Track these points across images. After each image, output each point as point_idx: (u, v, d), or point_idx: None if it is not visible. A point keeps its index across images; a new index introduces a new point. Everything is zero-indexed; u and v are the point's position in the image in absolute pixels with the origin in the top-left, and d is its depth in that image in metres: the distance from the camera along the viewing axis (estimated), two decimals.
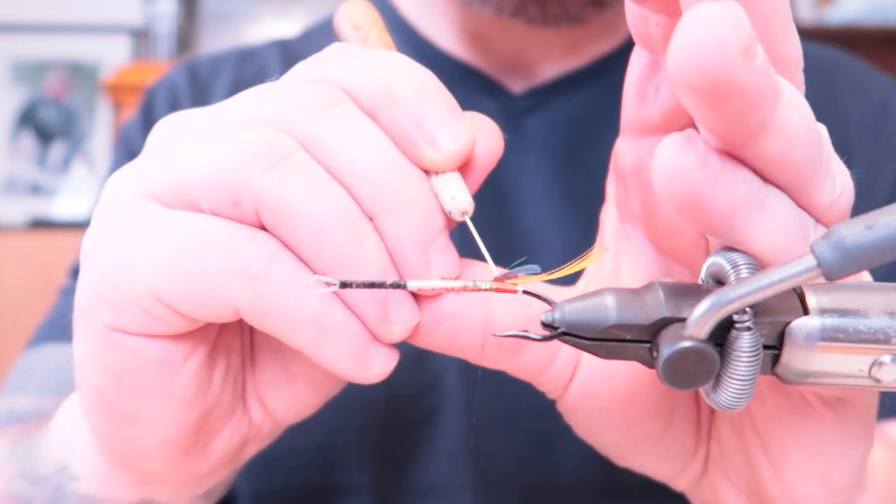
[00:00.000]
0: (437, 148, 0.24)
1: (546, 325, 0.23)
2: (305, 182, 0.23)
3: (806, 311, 0.21)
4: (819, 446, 0.26)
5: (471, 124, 0.25)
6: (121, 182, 0.25)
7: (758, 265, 0.21)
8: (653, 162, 0.20)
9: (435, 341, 0.26)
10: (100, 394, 0.25)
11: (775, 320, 0.21)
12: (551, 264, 0.25)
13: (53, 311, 0.52)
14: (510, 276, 0.24)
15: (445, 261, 0.25)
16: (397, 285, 0.24)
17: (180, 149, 0.24)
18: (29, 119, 2.11)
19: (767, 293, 0.20)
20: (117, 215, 0.24)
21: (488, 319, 0.26)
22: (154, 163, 0.24)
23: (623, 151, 0.27)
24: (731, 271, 0.21)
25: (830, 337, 0.21)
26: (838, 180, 0.22)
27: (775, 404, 0.26)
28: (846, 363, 0.22)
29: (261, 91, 0.25)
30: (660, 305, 0.22)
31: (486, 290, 0.24)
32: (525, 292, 0.24)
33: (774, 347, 0.22)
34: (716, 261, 0.22)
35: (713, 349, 0.21)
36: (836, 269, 0.19)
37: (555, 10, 0.47)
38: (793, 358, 0.22)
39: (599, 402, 0.28)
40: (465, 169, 0.25)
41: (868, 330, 0.21)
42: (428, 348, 0.26)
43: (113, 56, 2.12)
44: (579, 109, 0.52)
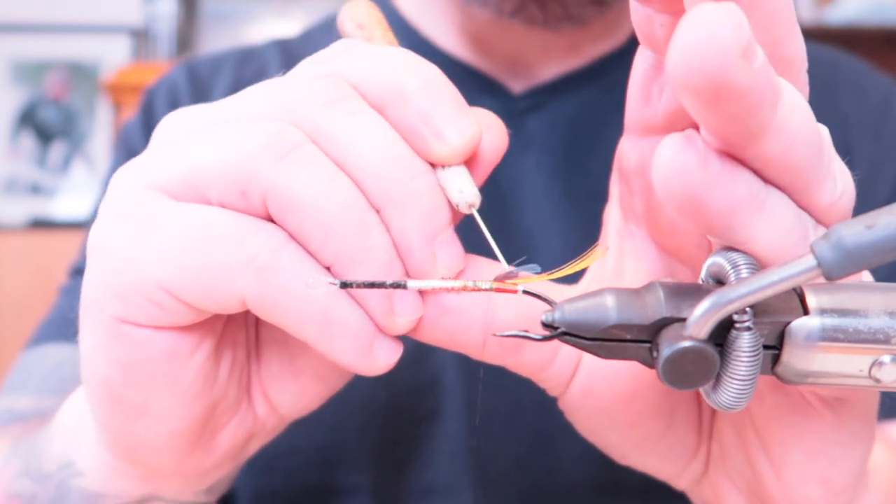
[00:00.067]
0: (444, 141, 0.24)
1: (546, 325, 0.23)
2: (313, 174, 0.23)
3: (806, 311, 0.21)
4: (819, 446, 0.26)
5: (477, 119, 0.25)
6: (128, 176, 0.25)
7: (758, 265, 0.21)
8: (653, 162, 0.20)
9: (436, 335, 0.26)
10: (108, 386, 0.25)
11: (775, 320, 0.21)
12: (551, 264, 0.25)
13: (53, 310, 0.52)
14: (511, 275, 0.24)
15: (451, 254, 0.25)
16: (397, 285, 0.24)
17: (188, 142, 0.24)
18: (29, 119, 2.11)
19: (767, 293, 0.20)
20: (125, 208, 0.24)
21: (490, 315, 0.26)
22: (161, 156, 0.24)
23: (627, 151, 0.27)
24: (731, 271, 0.21)
25: (830, 337, 0.21)
26: (839, 181, 0.22)
27: (775, 404, 0.26)
28: (846, 363, 0.22)
29: (268, 86, 0.25)
30: (660, 305, 0.22)
31: (486, 290, 0.24)
32: (525, 292, 0.24)
33: (774, 347, 0.22)
34: (716, 261, 0.22)
35: (713, 349, 0.21)
36: (836, 269, 0.19)
37: (555, 10, 0.47)
38: (793, 358, 0.22)
39: (601, 402, 0.28)
40: (470, 164, 0.25)
41: (868, 330, 0.21)
42: (430, 343, 0.26)
43: (113, 56, 2.12)
44: (579, 109, 0.52)
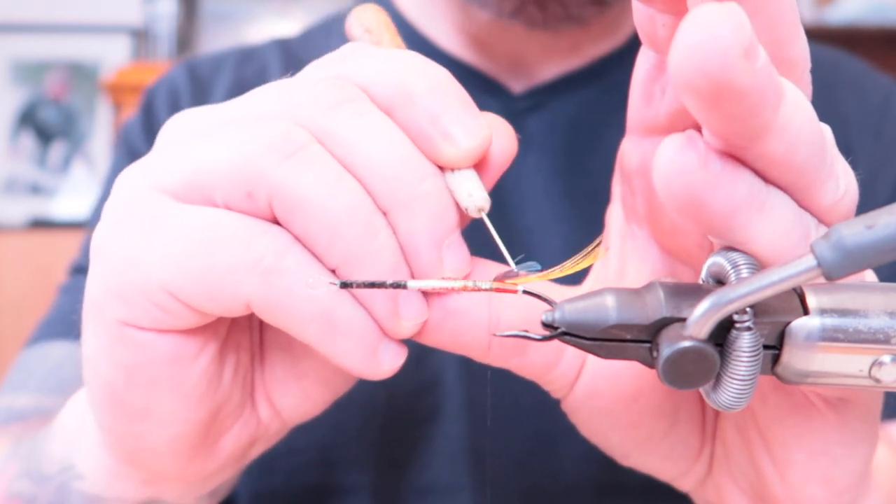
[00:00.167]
0: (454, 144, 0.24)
1: (546, 325, 0.23)
2: (320, 175, 0.23)
3: (806, 311, 0.21)
4: (821, 447, 0.26)
5: (487, 122, 0.25)
6: (133, 177, 0.25)
7: (758, 265, 0.21)
8: (654, 162, 0.20)
9: (440, 338, 0.26)
10: (110, 389, 0.25)
11: (775, 320, 0.21)
12: (551, 264, 0.25)
13: (53, 309, 0.52)
14: (511, 275, 0.24)
15: (457, 258, 0.24)
16: (397, 285, 0.24)
17: (194, 143, 0.24)
18: (29, 119, 2.11)
19: (767, 293, 0.20)
20: (129, 209, 0.24)
21: (493, 317, 0.26)
22: (166, 157, 0.24)
23: (629, 152, 0.27)
24: (731, 271, 0.21)
25: (830, 337, 0.21)
26: (842, 181, 0.22)
27: (777, 404, 0.26)
28: (846, 363, 0.22)
29: (275, 87, 0.25)
30: (660, 305, 0.22)
31: (486, 290, 0.24)
32: (525, 292, 0.24)
33: (774, 347, 0.22)
34: (716, 261, 0.22)
35: (713, 349, 0.21)
36: (836, 269, 0.19)
37: (555, 11, 0.47)
38: (793, 358, 0.22)
39: (604, 402, 0.28)
40: (479, 168, 0.25)
41: (868, 330, 0.21)
42: (434, 346, 0.26)
43: (113, 56, 2.12)
44: (580, 109, 0.52)
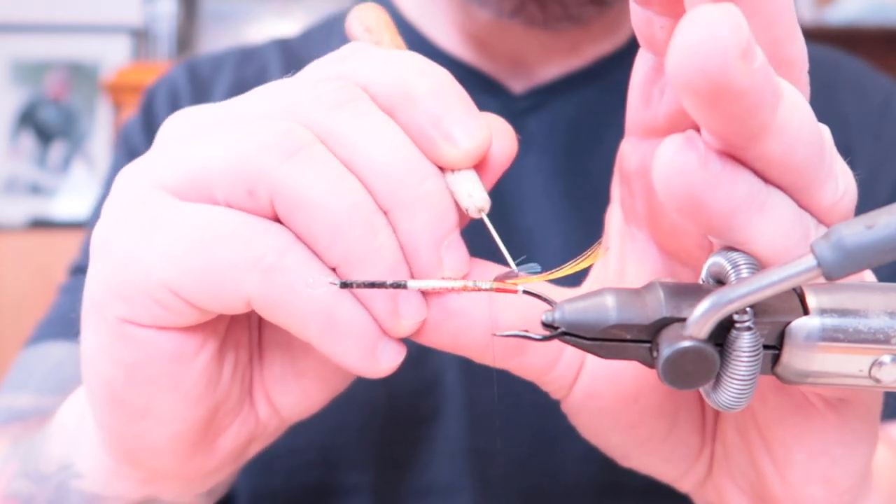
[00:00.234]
0: (454, 144, 0.24)
1: (546, 325, 0.23)
2: (321, 173, 0.23)
3: (806, 311, 0.21)
4: (821, 447, 0.26)
5: (487, 122, 0.25)
6: (132, 175, 0.25)
7: (758, 265, 0.21)
8: (653, 163, 0.20)
9: (439, 338, 0.26)
10: (110, 388, 0.25)
11: (775, 320, 0.21)
12: (551, 264, 0.25)
13: (53, 308, 0.52)
14: (511, 275, 0.24)
15: (457, 258, 0.25)
16: (397, 285, 0.24)
17: (194, 141, 0.24)
18: (29, 119, 2.11)
19: (767, 293, 0.20)
20: (130, 207, 0.24)
21: (493, 318, 0.26)
22: (167, 156, 0.24)
23: (628, 153, 0.27)
24: (731, 271, 0.21)
25: (830, 337, 0.21)
26: (841, 181, 0.22)
27: (778, 405, 0.26)
28: (846, 363, 0.22)
29: (276, 87, 0.25)
30: (660, 305, 0.22)
31: (487, 290, 0.24)
32: (525, 292, 0.24)
33: (774, 347, 0.22)
34: (716, 261, 0.22)
35: (713, 349, 0.21)
36: (836, 269, 0.19)
37: (555, 10, 0.47)
38: (793, 358, 0.22)
39: (604, 403, 0.28)
40: (479, 168, 0.25)
41: (868, 330, 0.21)
42: (433, 346, 0.26)
43: (113, 56, 2.12)
44: (580, 110, 0.52)
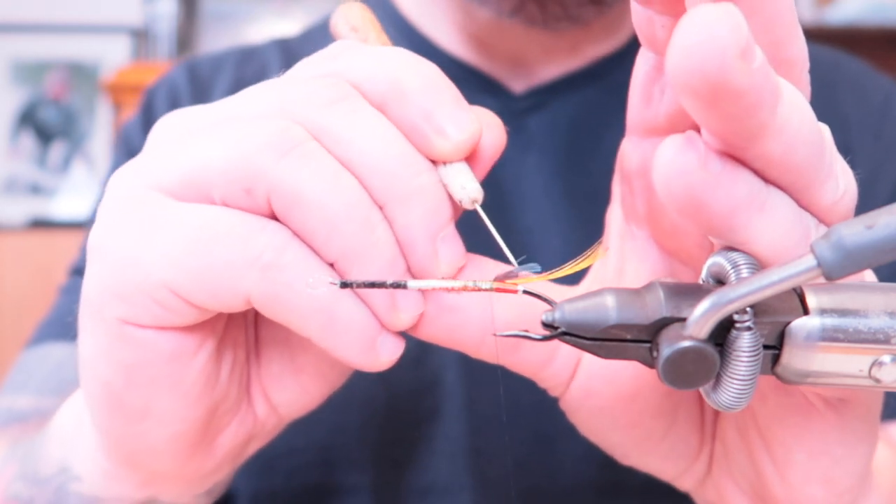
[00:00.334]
0: (445, 137, 0.24)
1: (546, 325, 0.23)
2: (317, 171, 0.23)
3: (806, 311, 0.21)
4: (821, 447, 0.26)
5: (477, 115, 0.25)
6: (127, 176, 0.25)
7: (758, 265, 0.21)
8: (654, 163, 0.20)
9: (436, 333, 0.26)
10: (109, 389, 0.25)
11: (775, 320, 0.21)
12: (551, 264, 0.25)
13: (53, 310, 0.52)
14: (511, 275, 0.24)
15: (453, 250, 0.25)
16: (397, 285, 0.24)
17: (190, 141, 0.24)
18: (29, 119, 2.11)
19: (767, 293, 0.20)
20: (126, 209, 0.24)
21: (489, 314, 0.26)
22: (162, 156, 0.24)
23: (628, 152, 0.27)
24: (731, 271, 0.21)
25: (830, 337, 0.21)
26: (841, 181, 0.22)
27: (778, 405, 0.26)
28: (846, 363, 0.22)
29: (268, 86, 0.25)
30: (660, 305, 0.22)
31: (486, 290, 0.24)
32: (525, 292, 0.24)
33: (774, 347, 0.22)
34: (716, 261, 0.22)
35: (713, 349, 0.21)
36: (836, 269, 0.19)
37: (554, 10, 0.47)
38: (793, 358, 0.22)
39: (601, 401, 0.28)
40: (470, 161, 0.26)
41: (868, 330, 0.21)
42: (429, 340, 0.26)
43: (113, 56, 2.12)
44: (580, 109, 0.52)
